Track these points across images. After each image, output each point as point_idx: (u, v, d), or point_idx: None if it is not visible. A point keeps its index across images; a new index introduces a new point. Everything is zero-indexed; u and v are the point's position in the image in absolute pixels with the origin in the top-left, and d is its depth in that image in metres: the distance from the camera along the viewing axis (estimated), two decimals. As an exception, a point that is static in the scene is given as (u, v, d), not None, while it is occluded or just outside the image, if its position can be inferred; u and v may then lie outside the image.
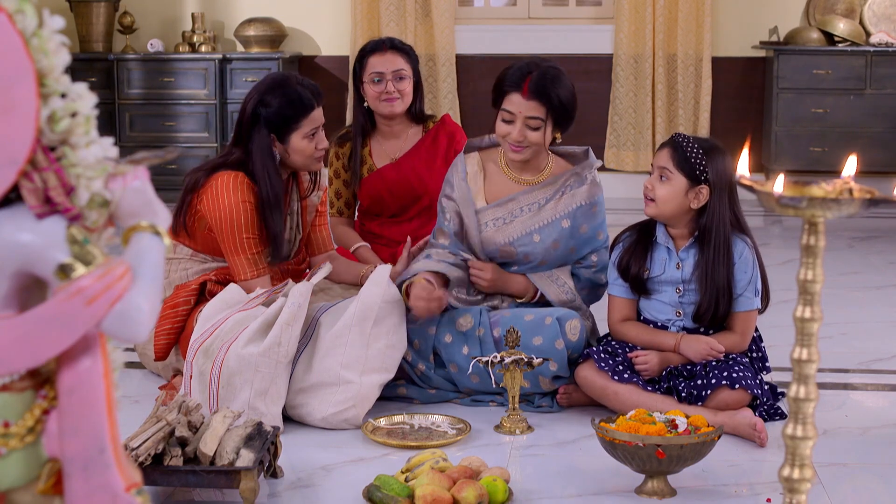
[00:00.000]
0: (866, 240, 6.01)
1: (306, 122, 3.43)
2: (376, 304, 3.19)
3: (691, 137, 3.21)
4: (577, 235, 3.40)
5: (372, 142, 4.10)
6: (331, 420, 3.13)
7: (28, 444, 1.50)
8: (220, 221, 3.37)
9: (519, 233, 3.40)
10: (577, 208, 3.39)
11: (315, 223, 3.70)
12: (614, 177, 7.26)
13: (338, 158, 4.12)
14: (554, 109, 3.32)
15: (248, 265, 3.39)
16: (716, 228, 3.15)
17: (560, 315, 3.28)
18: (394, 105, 3.97)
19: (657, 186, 3.19)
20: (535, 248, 3.39)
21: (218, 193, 3.37)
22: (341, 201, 4.14)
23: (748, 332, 3.21)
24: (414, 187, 4.03)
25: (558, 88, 3.32)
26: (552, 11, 7.37)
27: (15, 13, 1.42)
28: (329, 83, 7.37)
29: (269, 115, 3.39)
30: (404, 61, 4.00)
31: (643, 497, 2.68)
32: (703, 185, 3.15)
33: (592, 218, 3.41)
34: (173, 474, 2.58)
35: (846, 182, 1.68)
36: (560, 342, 3.23)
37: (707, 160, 3.14)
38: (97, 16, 7.18)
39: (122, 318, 1.43)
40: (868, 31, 7.00)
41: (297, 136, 3.42)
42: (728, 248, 3.16)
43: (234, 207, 3.36)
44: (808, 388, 1.74)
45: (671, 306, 3.24)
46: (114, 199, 1.49)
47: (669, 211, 3.19)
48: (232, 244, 3.38)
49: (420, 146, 4.06)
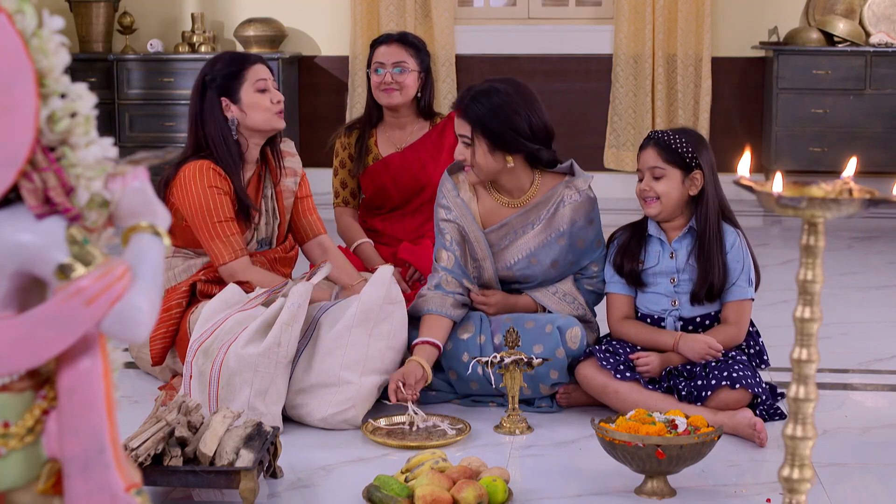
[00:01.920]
0: (866, 240, 6.01)
1: (250, 73, 3.46)
2: (377, 305, 3.19)
3: (668, 131, 3.27)
4: (575, 250, 3.39)
5: (378, 132, 4.16)
6: (330, 420, 3.13)
7: (28, 444, 1.50)
8: (191, 210, 3.40)
9: (516, 257, 3.38)
10: (573, 226, 3.36)
11: (299, 209, 3.70)
12: (614, 177, 7.26)
13: (344, 148, 4.16)
14: (475, 126, 3.26)
15: (225, 248, 3.40)
16: (711, 209, 3.21)
17: (560, 323, 3.27)
18: (391, 96, 4.03)
19: (654, 185, 3.23)
20: (534, 270, 3.38)
21: (186, 184, 3.40)
22: (346, 191, 4.17)
23: (743, 322, 3.22)
24: (418, 177, 4.05)
25: (479, 105, 3.26)
26: (552, 11, 7.37)
27: (14, 13, 1.42)
28: (329, 83, 7.37)
29: (214, 77, 3.46)
30: (408, 54, 4.04)
31: (643, 497, 2.68)
32: (696, 170, 3.21)
33: (590, 231, 3.39)
34: (173, 474, 2.58)
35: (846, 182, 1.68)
36: (561, 351, 3.23)
37: (688, 143, 3.22)
38: (97, 16, 7.18)
39: (122, 318, 1.43)
40: (868, 31, 6.99)
41: (246, 91, 3.45)
42: (720, 232, 3.22)
43: (202, 193, 3.39)
44: (807, 389, 1.74)
45: (667, 296, 3.27)
46: (113, 199, 1.49)
47: (673, 204, 3.24)
48: (206, 231, 3.40)
49: (426, 138, 4.10)
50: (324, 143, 4.59)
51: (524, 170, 3.37)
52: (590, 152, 7.16)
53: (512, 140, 3.27)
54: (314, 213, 3.73)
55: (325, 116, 7.33)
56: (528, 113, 3.27)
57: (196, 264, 3.53)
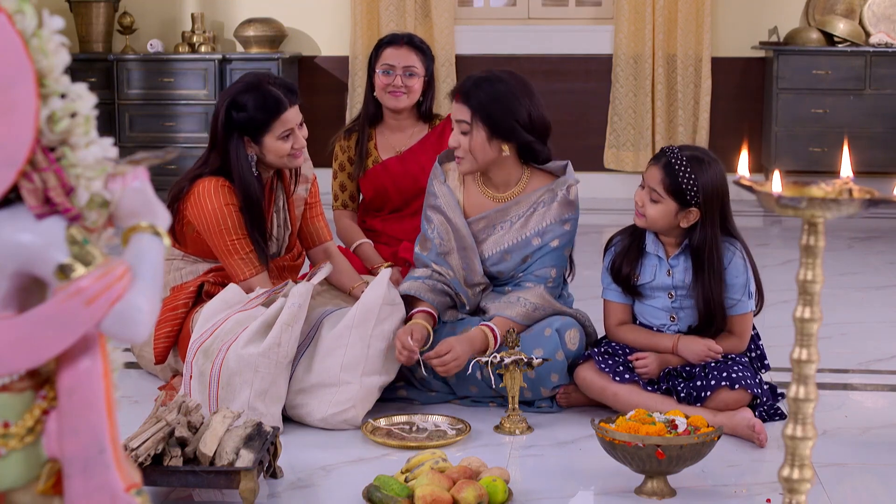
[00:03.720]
0: (866, 240, 6.01)
1: (278, 124, 3.40)
2: (377, 306, 3.19)
3: (683, 154, 3.14)
4: (546, 250, 3.35)
5: (378, 135, 4.14)
6: (330, 420, 3.13)
7: (28, 444, 1.50)
8: (207, 226, 3.38)
9: (490, 251, 3.37)
10: (549, 226, 3.34)
11: (307, 216, 3.69)
12: (614, 177, 7.26)
13: (343, 151, 4.15)
14: (477, 111, 3.26)
15: (244, 265, 3.39)
16: (707, 248, 3.15)
17: (559, 326, 3.27)
18: (399, 99, 4.02)
19: (647, 206, 3.17)
20: (505, 266, 3.37)
21: (201, 200, 3.38)
22: (346, 194, 4.16)
23: (745, 333, 3.22)
24: (418, 180, 4.05)
25: (481, 91, 3.27)
26: (552, 12, 7.37)
27: (14, 13, 1.42)
28: (329, 83, 7.37)
29: (240, 118, 3.38)
30: (417, 59, 4.04)
31: (643, 497, 2.68)
32: (692, 207, 3.14)
33: (565, 235, 3.35)
34: (173, 475, 2.58)
35: (846, 182, 1.68)
36: (560, 353, 3.23)
37: (698, 182, 3.11)
38: (97, 16, 7.18)
39: (122, 318, 1.43)
40: (868, 31, 6.99)
41: (270, 138, 3.40)
42: (720, 263, 3.16)
43: (219, 211, 3.37)
44: (807, 389, 1.74)
45: (664, 311, 3.25)
46: (113, 199, 1.49)
47: (658, 228, 3.21)
48: (223, 247, 3.39)
49: (426, 141, 4.09)
50: (324, 143, 4.59)
51: (515, 164, 3.37)
52: (590, 152, 7.16)
53: (510, 128, 3.27)
54: (322, 219, 3.73)
55: (325, 117, 7.33)
56: (529, 103, 3.29)
57: (204, 268, 3.53)
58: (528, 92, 3.31)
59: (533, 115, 3.29)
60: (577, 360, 3.25)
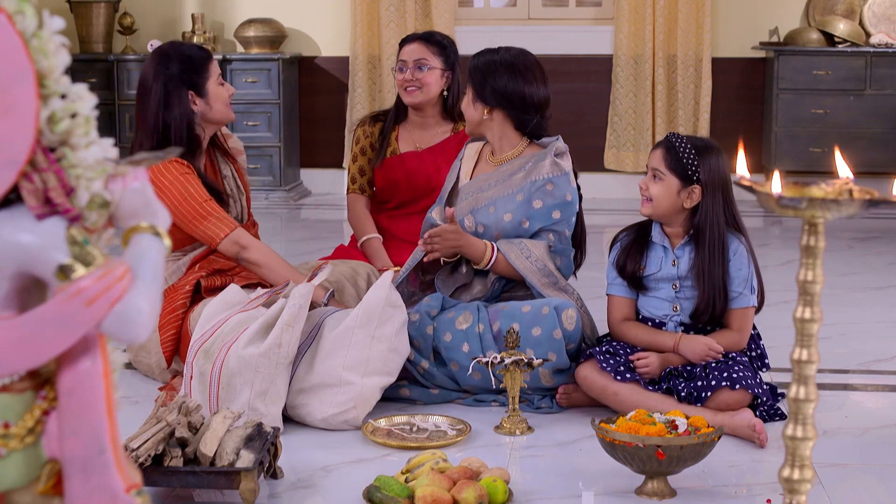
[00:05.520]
0: (866, 240, 6.01)
1: (213, 68, 3.57)
2: (379, 306, 3.19)
3: (685, 137, 3.24)
4: (529, 210, 3.43)
5: (401, 129, 4.18)
6: (331, 421, 3.13)
7: (28, 444, 1.50)
8: (173, 202, 3.42)
9: (479, 204, 3.49)
10: (532, 183, 3.43)
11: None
12: (614, 177, 7.26)
13: (366, 136, 4.19)
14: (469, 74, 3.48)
15: (220, 222, 3.44)
16: (709, 228, 3.19)
17: (556, 304, 3.30)
18: (412, 95, 4.07)
19: (651, 186, 3.23)
20: (489, 218, 3.46)
21: (157, 180, 3.41)
22: (364, 179, 4.19)
23: (746, 329, 3.22)
24: (431, 178, 4.07)
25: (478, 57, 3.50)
26: (552, 12, 7.37)
27: (15, 14, 1.42)
28: (329, 83, 7.37)
29: (182, 65, 3.49)
30: (430, 52, 4.06)
31: (643, 498, 2.68)
32: (694, 185, 3.18)
33: (548, 195, 3.43)
34: (173, 475, 2.58)
35: (846, 183, 1.68)
36: (558, 332, 3.25)
37: (699, 160, 3.18)
38: (97, 16, 7.18)
39: (122, 318, 1.43)
40: (868, 31, 7.00)
41: (212, 83, 3.54)
42: (723, 247, 3.19)
43: (178, 181, 3.43)
44: (807, 389, 1.74)
45: (668, 302, 3.27)
46: (114, 199, 1.49)
47: (663, 210, 3.23)
48: (194, 214, 3.43)
49: (446, 144, 4.12)
50: (324, 143, 4.59)
51: (509, 133, 3.51)
52: (590, 153, 7.17)
53: (489, 93, 3.45)
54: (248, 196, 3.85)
55: (325, 117, 7.33)
56: (522, 77, 3.45)
57: (186, 262, 3.54)
58: (523, 67, 3.47)
59: (525, 89, 3.45)
60: (573, 342, 3.26)
